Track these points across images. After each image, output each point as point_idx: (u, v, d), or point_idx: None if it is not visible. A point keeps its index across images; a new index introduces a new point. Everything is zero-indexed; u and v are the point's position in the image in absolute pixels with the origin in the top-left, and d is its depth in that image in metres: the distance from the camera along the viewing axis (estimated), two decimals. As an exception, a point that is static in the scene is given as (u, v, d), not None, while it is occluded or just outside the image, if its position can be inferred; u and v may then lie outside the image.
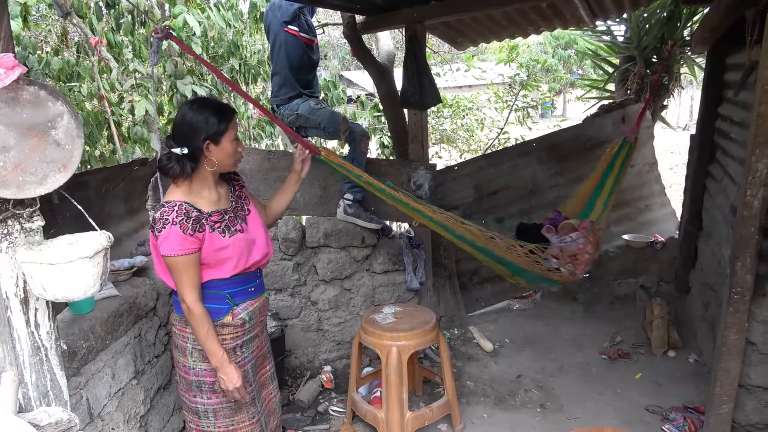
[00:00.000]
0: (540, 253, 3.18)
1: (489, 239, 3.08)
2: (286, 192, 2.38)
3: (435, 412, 2.99)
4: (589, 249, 3.33)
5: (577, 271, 3.35)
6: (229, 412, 2.09)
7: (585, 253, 3.32)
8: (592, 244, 3.36)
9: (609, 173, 3.69)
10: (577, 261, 3.31)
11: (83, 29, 4.85)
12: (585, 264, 3.36)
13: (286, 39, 3.44)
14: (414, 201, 2.96)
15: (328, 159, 2.62)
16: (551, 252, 3.24)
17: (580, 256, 3.31)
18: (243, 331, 2.09)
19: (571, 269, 3.30)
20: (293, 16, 3.38)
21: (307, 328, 3.83)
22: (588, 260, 3.37)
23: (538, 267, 3.23)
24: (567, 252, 3.26)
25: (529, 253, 3.16)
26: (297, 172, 2.35)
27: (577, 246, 3.29)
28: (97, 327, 2.23)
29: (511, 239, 3.18)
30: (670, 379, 3.55)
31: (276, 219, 2.42)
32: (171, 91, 4.85)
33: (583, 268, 3.38)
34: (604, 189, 3.68)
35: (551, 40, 16.15)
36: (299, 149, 2.37)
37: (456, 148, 8.38)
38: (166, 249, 1.87)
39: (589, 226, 3.41)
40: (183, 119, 1.94)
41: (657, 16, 5.15)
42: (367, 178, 2.86)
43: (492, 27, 4.53)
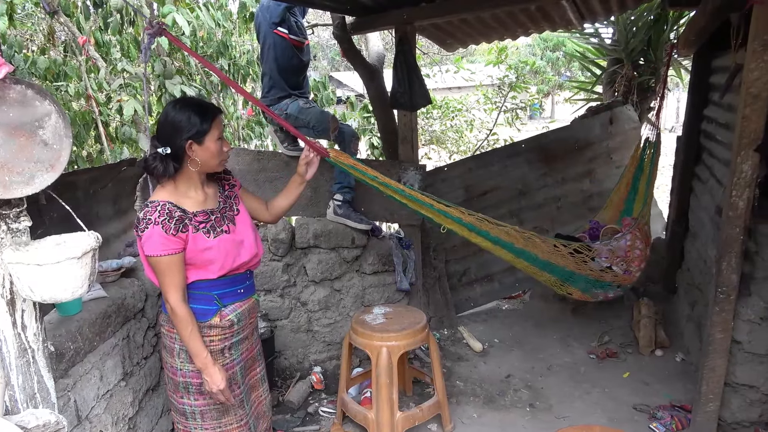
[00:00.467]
0: (587, 252, 2.96)
1: (527, 240, 2.86)
2: (288, 194, 2.33)
3: (425, 413, 3.00)
4: (638, 245, 3.17)
5: (632, 268, 3.16)
6: (216, 414, 2.08)
7: (635, 249, 3.15)
8: (640, 239, 3.20)
9: (639, 175, 3.68)
10: (629, 258, 3.13)
11: (70, 28, 4.80)
12: (639, 261, 3.19)
13: (275, 41, 3.44)
14: (438, 202, 2.75)
15: (337, 160, 2.50)
16: (599, 252, 3.04)
17: (631, 254, 3.15)
18: (231, 332, 2.08)
19: (624, 267, 3.11)
20: (282, 18, 3.38)
21: (296, 329, 3.82)
22: (641, 256, 3.20)
23: (587, 268, 3.00)
24: (616, 252, 3.08)
25: (574, 252, 2.95)
26: (301, 174, 2.28)
27: (625, 243, 3.12)
28: (85, 328, 2.21)
29: (551, 239, 2.97)
30: (657, 378, 3.59)
31: (278, 217, 2.38)
32: (160, 90, 4.82)
33: (638, 265, 3.20)
34: (638, 192, 3.66)
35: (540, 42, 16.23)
36: (304, 151, 2.30)
37: (445, 149, 8.40)
38: (148, 249, 1.87)
39: (632, 222, 3.32)
40: (166, 119, 1.93)
41: (644, 19, 5.21)
42: (383, 179, 2.65)
43: (481, 29, 4.55)
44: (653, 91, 5.38)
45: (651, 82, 5.33)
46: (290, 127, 2.59)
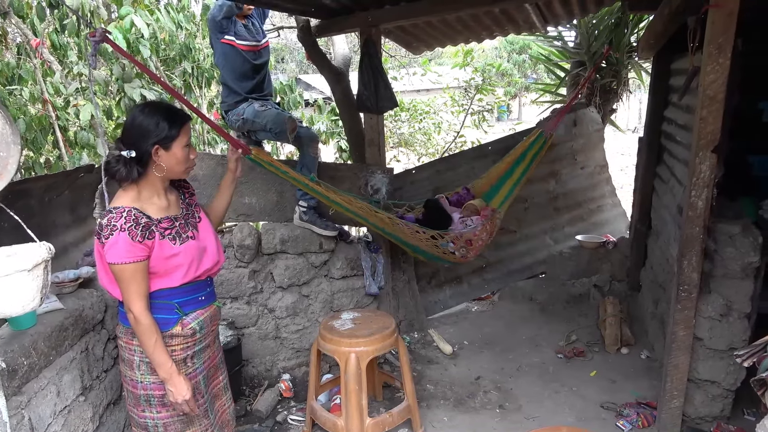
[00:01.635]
0: (440, 239, 3.50)
1: (396, 225, 3.38)
2: (223, 193, 2.35)
3: (395, 418, 2.98)
4: (484, 236, 3.65)
5: (469, 254, 3.65)
6: (180, 426, 2.02)
7: (479, 239, 3.63)
8: (488, 232, 3.67)
9: (520, 162, 3.91)
10: (471, 246, 3.62)
11: (23, 30, 4.64)
12: (478, 249, 3.69)
13: (223, 50, 3.41)
14: (334, 193, 3.21)
15: (257, 158, 2.78)
16: (450, 237, 3.55)
17: (474, 242, 3.61)
18: (193, 341, 2.03)
19: (463, 252, 3.61)
20: (223, 27, 3.34)
21: (264, 336, 3.76)
22: (481, 246, 3.69)
23: (436, 250, 3.53)
24: (464, 237, 3.57)
25: (431, 238, 3.48)
26: (232, 171, 2.34)
27: (474, 232, 3.58)
28: (40, 343, 2.12)
29: (415, 226, 3.48)
30: (623, 375, 3.65)
31: (219, 222, 2.40)
32: (119, 94, 4.69)
33: (475, 253, 3.69)
34: (511, 177, 3.92)
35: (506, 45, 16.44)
36: (231, 148, 2.39)
37: (414, 152, 8.41)
38: (112, 256, 1.80)
39: (489, 214, 3.71)
40: (133, 122, 1.88)
41: (605, 23, 5.31)
42: (292, 174, 3.08)
43: (447, 31, 4.57)
44: (615, 93, 5.50)
45: (613, 84, 5.44)
46: (219, 128, 2.70)
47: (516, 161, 3.92)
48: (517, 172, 3.89)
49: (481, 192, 4.04)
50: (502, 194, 3.90)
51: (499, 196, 3.90)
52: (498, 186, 3.96)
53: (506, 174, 3.94)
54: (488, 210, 3.74)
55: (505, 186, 3.91)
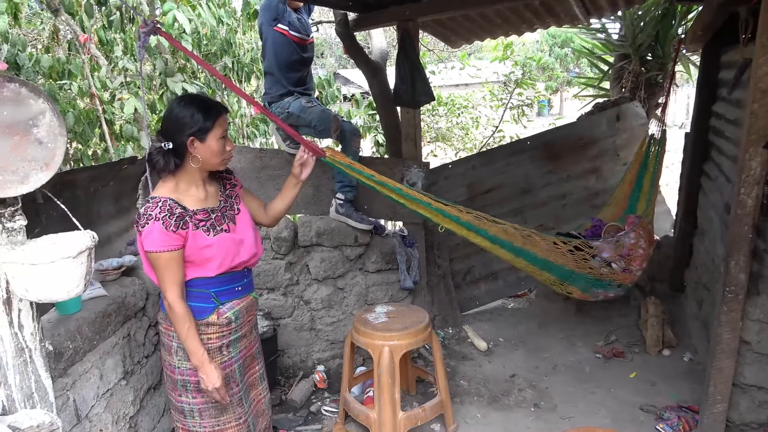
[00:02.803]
0: (588, 249, 2.89)
1: (527, 237, 2.80)
2: (284, 195, 2.30)
3: (428, 412, 2.98)
4: (642, 244, 3.09)
5: (633, 267, 3.08)
6: (214, 412, 2.07)
7: (638, 248, 3.06)
8: (644, 238, 3.13)
9: (644, 173, 3.63)
10: (630, 257, 3.05)
11: (73, 26, 4.80)
12: (641, 260, 3.12)
13: (274, 38, 3.40)
14: (436, 201, 2.72)
15: (333, 160, 2.44)
16: (600, 250, 2.96)
17: (633, 252, 3.05)
18: (229, 330, 2.07)
19: (624, 266, 3.04)
20: (279, 14, 3.33)
21: (299, 328, 3.81)
22: (643, 256, 3.13)
23: (587, 267, 2.93)
24: (618, 250, 3.00)
25: (575, 250, 2.87)
26: (296, 175, 2.24)
27: (629, 242, 3.03)
28: (84, 327, 2.20)
29: (550, 236, 2.89)
30: (664, 378, 3.54)
31: (276, 220, 2.35)
32: (162, 88, 4.82)
33: (639, 264, 3.12)
34: (642, 189, 3.62)
35: (548, 39, 16.12)
36: (299, 152, 2.24)
37: (451, 147, 8.36)
38: (148, 244, 1.86)
39: (636, 220, 3.25)
40: (170, 114, 1.94)
41: (651, 14, 5.15)
42: (379, 178, 2.60)
43: (485, 25, 4.51)
44: (661, 87, 5.32)
45: (659, 77, 5.27)
46: (287, 127, 2.54)
47: (639, 174, 3.62)
48: (646, 183, 3.56)
49: (614, 217, 3.69)
50: (641, 205, 3.56)
51: (639, 208, 3.57)
52: (632, 205, 3.64)
53: (635, 190, 3.64)
54: (633, 218, 3.29)
55: (641, 199, 3.57)
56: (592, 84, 6.39)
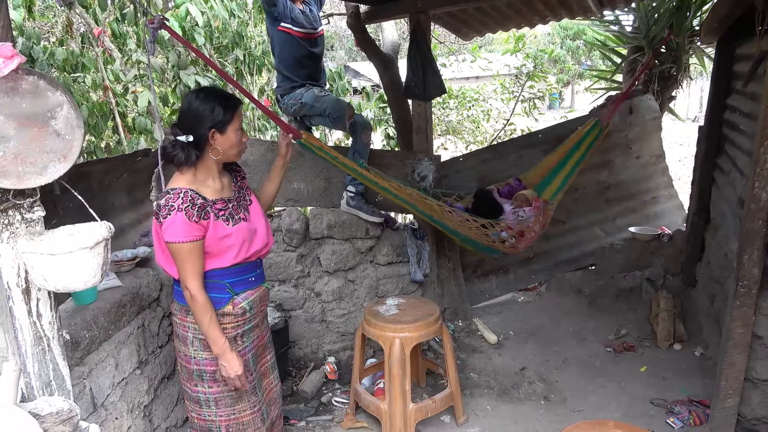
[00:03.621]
0: (490, 228, 3.42)
1: (446, 213, 3.32)
2: (273, 177, 2.41)
3: (438, 404, 2.99)
4: (536, 228, 3.52)
5: (520, 245, 3.55)
6: (230, 401, 2.10)
7: (532, 231, 3.50)
8: (540, 223, 3.54)
9: (573, 152, 3.78)
10: (522, 237, 3.51)
11: (87, 19, 4.83)
12: (529, 241, 3.56)
13: (279, 37, 3.40)
14: (383, 179, 3.22)
15: (308, 142, 2.84)
16: (500, 227, 3.46)
17: (526, 233, 3.49)
18: (244, 320, 2.10)
19: (513, 243, 3.51)
20: (279, 13, 3.31)
21: (310, 319, 3.83)
22: (533, 238, 3.56)
23: (486, 239, 3.46)
24: (516, 228, 3.47)
25: (481, 227, 3.39)
26: (282, 155, 2.40)
27: (527, 224, 3.47)
28: (100, 317, 2.24)
29: (465, 214, 3.41)
30: (675, 372, 3.53)
31: (268, 205, 2.45)
32: (174, 81, 4.84)
33: (526, 244, 3.58)
34: (564, 168, 3.79)
35: (559, 31, 15.98)
36: (282, 133, 2.45)
37: (462, 140, 8.33)
38: (170, 235, 1.88)
39: (542, 205, 3.58)
40: (189, 108, 1.96)
41: (665, 6, 5.08)
42: (342, 160, 3.10)
43: (497, 17, 4.48)
44: (675, 80, 5.27)
45: (672, 70, 5.21)
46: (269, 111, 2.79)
47: (569, 152, 3.80)
48: (570, 163, 3.78)
49: (532, 183, 3.93)
50: (554, 186, 3.79)
51: (552, 188, 3.78)
52: (550, 177, 3.84)
53: (559, 165, 3.82)
54: (540, 201, 3.62)
55: (558, 177, 3.79)
56: (605, 77, 6.33)
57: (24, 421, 1.41)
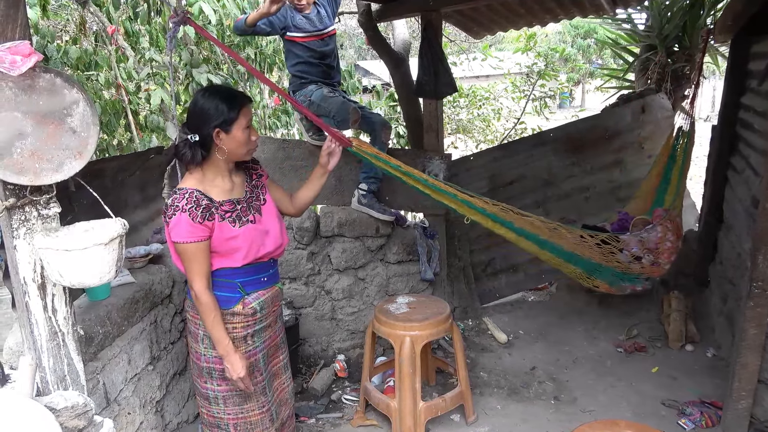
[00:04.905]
0: (615, 243, 2.90)
1: (553, 231, 2.80)
2: (311, 185, 2.33)
3: (448, 403, 2.99)
4: (670, 237, 3.08)
5: (661, 260, 3.07)
6: (238, 400, 2.10)
7: (666, 241, 3.05)
8: (672, 231, 3.12)
9: (672, 165, 3.57)
10: (658, 251, 3.06)
11: (100, 18, 4.87)
12: (669, 254, 3.10)
13: (287, 47, 3.41)
14: (462, 192, 2.73)
15: (359, 150, 2.48)
16: (627, 244, 2.95)
17: (661, 245, 3.05)
18: (254, 320, 2.09)
19: (653, 259, 3.02)
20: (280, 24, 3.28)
21: (321, 317, 3.85)
22: (671, 249, 3.11)
23: (615, 260, 2.93)
24: (646, 244, 3.00)
25: (602, 243, 2.88)
26: (323, 165, 2.28)
27: (656, 236, 3.03)
28: (114, 313, 2.26)
29: (577, 229, 2.91)
30: (686, 373, 3.51)
31: (302, 210, 2.38)
32: (187, 79, 4.87)
33: (668, 258, 3.11)
34: (670, 183, 3.56)
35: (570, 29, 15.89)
36: (326, 142, 2.28)
37: (472, 139, 8.31)
38: (175, 235, 1.89)
39: (663, 214, 3.23)
40: (195, 106, 1.96)
41: (679, 4, 5.03)
42: (406, 168, 2.64)
43: (508, 15, 4.46)
44: (688, 79, 5.22)
45: (686, 69, 5.17)
46: (313, 116, 2.58)
47: (667, 167, 3.58)
48: (674, 175, 3.51)
49: (641, 210, 3.64)
50: (669, 198, 3.51)
51: (667, 201, 3.52)
52: (660, 197, 3.59)
53: (662, 182, 3.60)
54: (660, 211, 3.29)
55: (669, 192, 3.52)
56: (617, 75, 6.29)
57: (41, 414, 1.42)
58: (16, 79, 1.52)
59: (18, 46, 1.51)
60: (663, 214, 3.27)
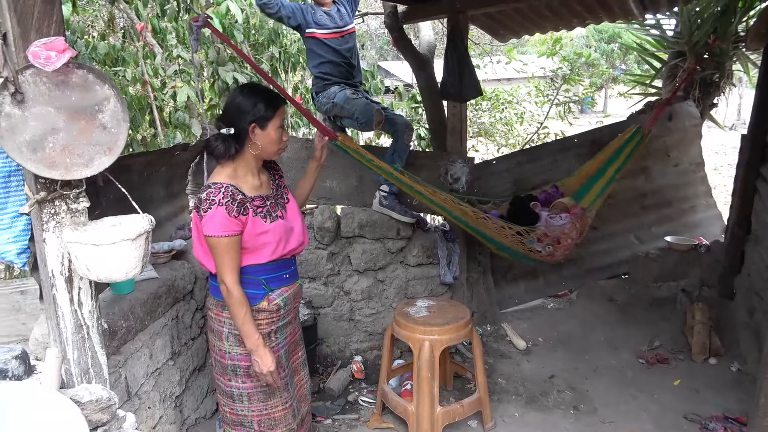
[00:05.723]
0: (526, 235, 3.34)
1: (481, 220, 3.27)
2: (307, 177, 2.43)
3: (466, 408, 2.97)
4: (573, 234, 3.44)
5: (557, 253, 3.46)
6: (263, 397, 2.11)
7: (569, 237, 3.43)
8: (578, 230, 3.46)
9: (614, 160, 3.69)
10: (558, 245, 3.43)
11: (129, 15, 4.93)
12: (566, 248, 3.48)
13: (309, 44, 3.43)
14: (418, 184, 3.16)
15: (343, 144, 2.79)
16: (536, 234, 3.38)
17: (563, 240, 3.42)
18: (278, 317, 2.10)
19: (550, 251, 3.43)
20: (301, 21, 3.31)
21: (339, 318, 3.84)
22: (570, 245, 3.48)
23: (521, 247, 3.39)
24: (552, 235, 3.39)
25: (516, 234, 3.32)
26: (317, 158, 2.41)
27: (562, 230, 3.40)
28: (137, 308, 2.27)
29: (500, 221, 3.34)
30: (710, 387, 3.44)
31: (302, 204, 2.43)
32: (213, 77, 4.91)
33: (563, 252, 3.49)
34: (604, 176, 3.70)
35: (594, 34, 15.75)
36: (318, 135, 2.45)
37: (494, 142, 8.26)
38: (209, 229, 1.90)
39: (579, 212, 3.50)
40: (233, 101, 2.00)
41: (710, 10, 4.94)
42: (377, 163, 3.02)
43: (535, 19, 4.42)
44: (717, 87, 5.13)
45: (715, 76, 5.08)
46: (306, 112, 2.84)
47: (609, 159, 3.70)
48: (610, 170, 3.67)
49: (571, 190, 3.84)
50: (593, 193, 3.69)
51: (590, 195, 3.69)
52: (589, 185, 3.75)
53: (598, 172, 3.73)
54: (578, 208, 3.55)
55: (597, 185, 3.70)
56: (643, 82, 6.20)
57: (67, 407, 1.43)
58: (51, 74, 1.54)
59: (53, 42, 1.53)
60: (579, 213, 3.51)
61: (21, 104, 1.51)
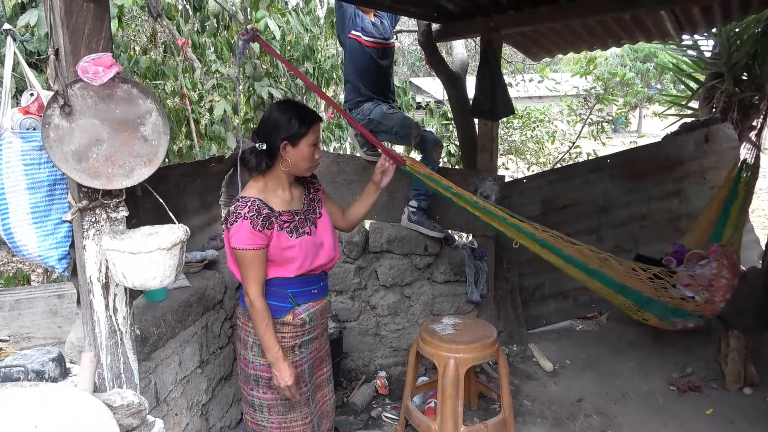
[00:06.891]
0: (668, 278, 2.81)
1: (603, 261, 2.74)
2: (363, 201, 2.36)
3: (490, 429, 2.93)
4: (725, 273, 2.99)
5: (716, 298, 2.98)
6: (282, 410, 2.12)
7: (721, 278, 2.96)
8: (727, 268, 3.02)
9: (733, 199, 3.46)
10: (712, 288, 2.95)
11: (171, 30, 5.10)
12: (724, 291, 3.01)
13: (349, 45, 3.45)
14: (511, 216, 2.69)
15: (413, 169, 2.49)
16: (680, 278, 2.88)
17: (715, 282, 2.95)
18: (303, 331, 2.12)
19: (706, 297, 2.93)
20: (347, 20, 3.36)
21: (364, 332, 3.85)
22: (727, 286, 3.01)
23: (667, 295, 2.85)
24: (699, 280, 2.90)
25: (654, 277, 2.79)
26: (376, 183, 2.30)
27: (711, 271, 2.93)
28: (168, 315, 2.32)
29: (629, 261, 2.81)
30: (744, 417, 3.33)
31: (353, 225, 2.43)
32: (249, 92, 5.02)
33: (722, 295, 3.01)
34: (730, 216, 3.45)
35: (629, 53, 15.58)
36: (380, 159, 2.30)
37: (524, 160, 8.21)
38: (235, 242, 1.94)
39: (719, 250, 3.13)
40: (269, 117, 2.04)
41: (750, 31, 4.86)
42: (457, 190, 2.63)
43: (570, 38, 4.41)
44: (756, 109, 5.01)
45: (755, 99, 4.97)
46: (368, 134, 2.63)
47: (727, 200, 3.48)
48: (734, 210, 3.41)
49: (697, 244, 3.55)
50: (726, 234, 3.39)
51: (725, 237, 3.39)
52: (718, 231, 3.49)
53: (722, 216, 3.49)
54: (716, 246, 3.17)
55: (728, 226, 3.41)
56: (679, 102, 6.10)
57: (100, 411, 1.47)
58: (97, 88, 1.60)
59: (101, 58, 1.59)
60: (719, 250, 3.15)
61: (69, 116, 1.58)
